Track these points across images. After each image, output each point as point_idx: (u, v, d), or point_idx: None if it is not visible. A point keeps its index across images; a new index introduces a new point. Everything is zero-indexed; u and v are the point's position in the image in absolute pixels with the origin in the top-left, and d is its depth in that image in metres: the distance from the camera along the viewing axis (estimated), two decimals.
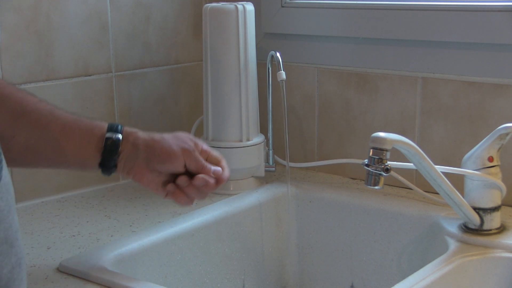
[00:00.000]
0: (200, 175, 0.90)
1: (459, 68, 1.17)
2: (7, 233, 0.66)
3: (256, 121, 1.28)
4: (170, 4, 1.37)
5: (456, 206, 1.01)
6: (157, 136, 0.90)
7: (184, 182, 0.90)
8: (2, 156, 0.65)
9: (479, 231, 1.02)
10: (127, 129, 0.90)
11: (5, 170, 0.69)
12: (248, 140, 1.26)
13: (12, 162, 0.80)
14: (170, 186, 0.90)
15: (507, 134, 0.98)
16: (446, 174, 0.99)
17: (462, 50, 1.16)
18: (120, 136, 0.87)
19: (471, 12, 1.13)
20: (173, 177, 0.91)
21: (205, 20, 1.23)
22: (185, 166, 0.90)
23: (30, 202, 1.20)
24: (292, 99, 1.37)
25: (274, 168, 1.31)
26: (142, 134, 0.90)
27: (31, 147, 0.84)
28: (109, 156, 0.86)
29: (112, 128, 0.88)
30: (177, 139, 0.91)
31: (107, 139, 0.86)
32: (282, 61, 1.21)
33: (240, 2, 1.23)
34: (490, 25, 1.12)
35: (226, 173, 0.93)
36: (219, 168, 0.92)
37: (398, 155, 0.98)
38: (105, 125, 0.88)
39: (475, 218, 1.02)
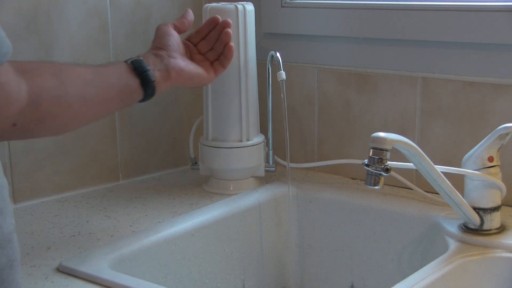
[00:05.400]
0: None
1: (459, 68, 1.17)
2: None
3: (256, 121, 1.28)
4: (170, 4, 1.37)
5: (456, 206, 1.01)
6: None
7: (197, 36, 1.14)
8: None
9: (479, 231, 1.02)
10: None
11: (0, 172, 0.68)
12: (248, 140, 1.26)
13: (74, 122, 0.91)
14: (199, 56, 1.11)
15: (507, 134, 0.98)
16: (446, 174, 0.99)
17: (462, 50, 1.16)
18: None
19: (471, 12, 1.13)
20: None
21: (205, 20, 1.23)
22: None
23: (30, 202, 1.20)
24: (292, 99, 1.37)
25: (274, 168, 1.30)
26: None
27: (84, 96, 0.90)
28: (140, 68, 0.98)
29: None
30: None
31: (130, 60, 0.99)
32: (282, 61, 1.21)
33: (240, 2, 1.23)
34: (490, 25, 1.12)
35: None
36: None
37: (398, 155, 0.98)
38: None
39: (475, 218, 1.02)
